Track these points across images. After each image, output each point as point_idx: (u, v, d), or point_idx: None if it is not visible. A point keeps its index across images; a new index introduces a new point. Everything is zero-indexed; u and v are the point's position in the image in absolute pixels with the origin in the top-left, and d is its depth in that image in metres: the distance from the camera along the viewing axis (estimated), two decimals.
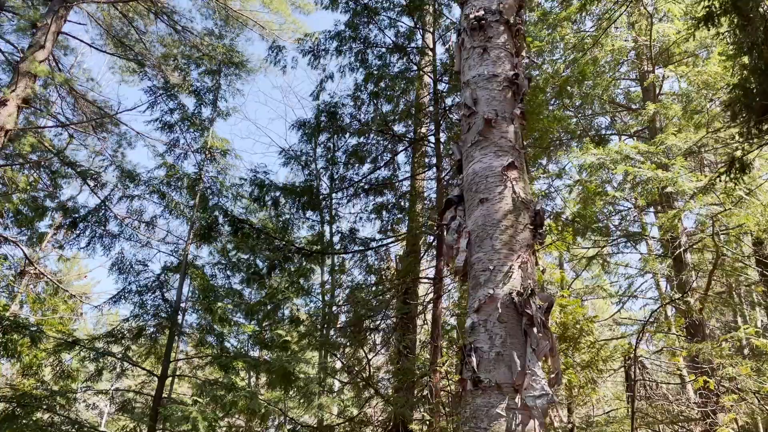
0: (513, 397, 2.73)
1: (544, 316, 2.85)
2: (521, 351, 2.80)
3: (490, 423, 2.69)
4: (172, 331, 9.34)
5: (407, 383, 7.83)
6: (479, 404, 2.76)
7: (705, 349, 9.62)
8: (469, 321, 2.99)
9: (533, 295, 2.87)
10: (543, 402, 2.68)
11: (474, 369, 2.81)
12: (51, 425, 7.98)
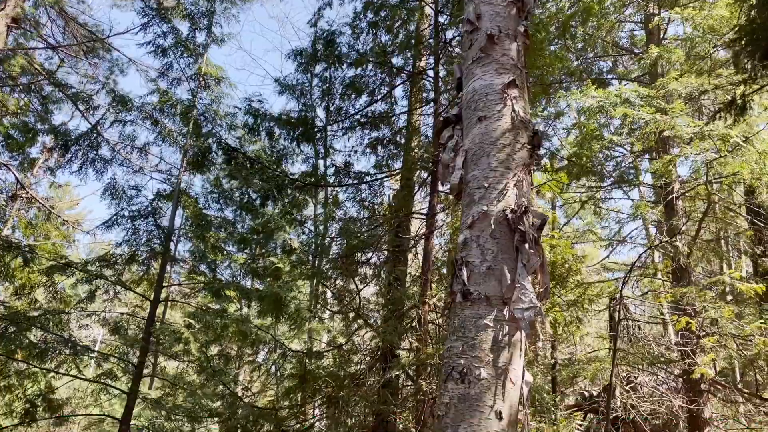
0: (501, 309, 2.77)
1: (536, 233, 2.86)
2: (512, 266, 2.83)
3: (478, 333, 2.74)
4: (164, 257, 9.39)
5: (396, 313, 7.96)
6: (468, 315, 2.80)
7: (689, 294, 9.80)
8: (461, 237, 3.00)
9: (527, 212, 2.88)
10: (530, 314, 2.73)
11: (464, 282, 2.84)
12: (44, 343, 8.11)
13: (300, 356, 8.34)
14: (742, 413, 12.14)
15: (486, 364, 2.69)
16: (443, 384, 2.78)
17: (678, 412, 10.64)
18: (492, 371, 2.68)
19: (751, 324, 8.72)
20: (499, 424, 2.62)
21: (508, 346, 2.74)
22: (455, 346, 2.78)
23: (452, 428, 2.64)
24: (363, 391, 7.96)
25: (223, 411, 7.94)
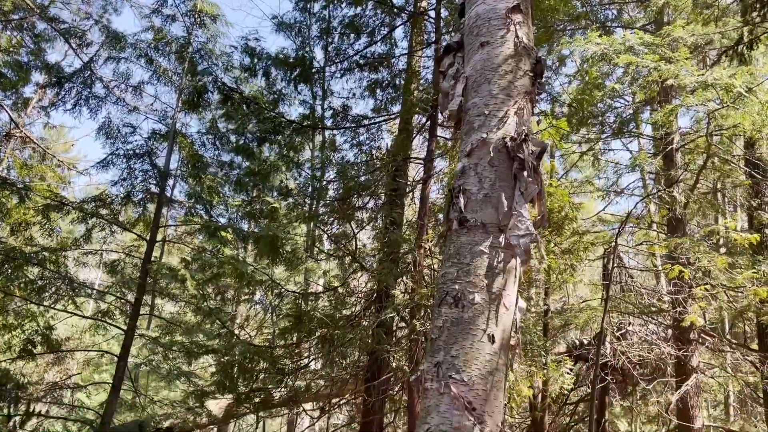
0: (497, 236, 2.76)
1: (535, 161, 2.83)
2: (509, 193, 2.81)
3: (473, 259, 2.74)
4: (160, 198, 9.36)
5: (392, 256, 8.00)
6: (463, 242, 2.79)
7: (684, 244, 9.86)
8: (459, 165, 2.97)
9: (527, 140, 2.84)
10: (526, 241, 2.72)
11: (461, 209, 2.82)
12: (41, 279, 8.15)
13: (296, 297, 8.42)
14: (729, 363, 12.41)
15: (480, 290, 2.69)
16: (437, 308, 2.79)
17: (667, 359, 10.86)
18: (486, 296, 2.69)
19: (744, 273, 8.80)
20: (491, 347, 2.64)
21: (502, 272, 2.74)
22: (450, 272, 2.78)
23: (444, 351, 2.66)
24: (358, 331, 8.06)
25: (219, 347, 8.07)
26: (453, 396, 2.55)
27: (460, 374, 2.59)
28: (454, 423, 2.52)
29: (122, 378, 8.72)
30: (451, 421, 2.53)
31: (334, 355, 8.20)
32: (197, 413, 9.33)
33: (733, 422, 16.23)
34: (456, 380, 2.58)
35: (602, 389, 12.88)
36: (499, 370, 2.64)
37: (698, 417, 10.97)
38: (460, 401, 2.53)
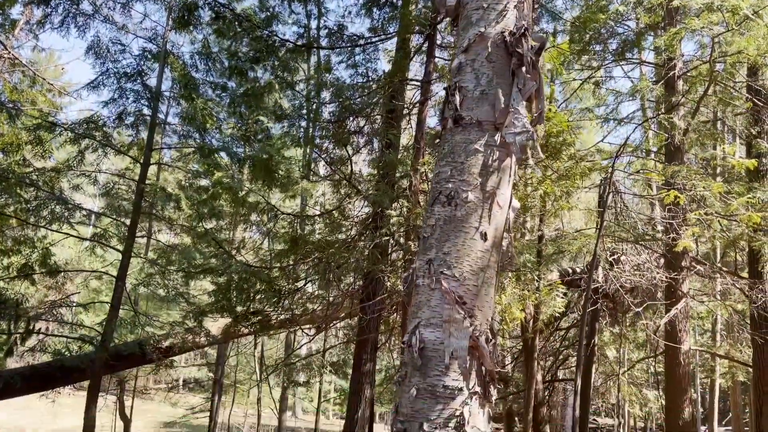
0: (493, 134, 2.70)
1: (534, 56, 2.74)
2: (507, 90, 2.73)
3: (467, 157, 2.69)
4: (153, 119, 9.22)
5: (387, 179, 7.96)
6: (458, 140, 2.74)
7: (680, 172, 9.82)
8: (455, 62, 2.87)
9: (526, 34, 2.73)
10: (522, 138, 2.67)
11: (456, 107, 2.75)
12: (36, 200, 8.12)
13: (291, 219, 8.42)
14: (718, 290, 12.64)
15: (474, 188, 2.66)
16: (430, 208, 2.77)
17: (658, 284, 11.03)
18: (479, 194, 2.66)
19: (739, 199, 8.81)
20: (483, 244, 2.63)
21: (497, 171, 2.70)
22: (443, 171, 2.75)
23: (436, 248, 2.65)
24: (353, 253, 8.12)
25: (216, 267, 8.14)
26: (444, 291, 2.56)
27: (452, 270, 2.59)
28: (445, 316, 2.54)
29: (120, 298, 8.83)
30: (441, 314, 2.55)
31: (330, 276, 8.28)
32: (196, 332, 9.52)
33: (719, 347, 16.71)
34: (447, 276, 2.59)
35: (593, 315, 13.16)
36: (490, 267, 2.65)
37: (685, 341, 11.26)
38: (451, 296, 2.55)
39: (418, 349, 2.53)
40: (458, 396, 2.48)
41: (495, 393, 2.63)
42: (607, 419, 31.77)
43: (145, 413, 24.44)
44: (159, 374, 23.11)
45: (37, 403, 27.21)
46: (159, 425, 21.63)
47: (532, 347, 11.89)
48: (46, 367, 9.53)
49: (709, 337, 19.13)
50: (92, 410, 8.68)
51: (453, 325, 2.53)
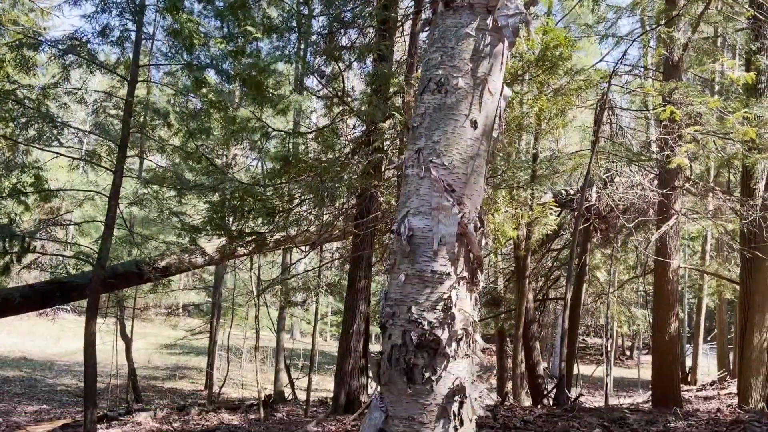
0: (485, 17, 2.61)
1: None
2: None
3: (458, 42, 2.61)
4: (138, 33, 8.94)
5: (380, 94, 7.82)
6: (449, 25, 2.65)
7: (678, 89, 9.67)
8: None
9: None
10: (515, 21, 2.58)
11: None
12: (22, 116, 7.97)
13: (283, 137, 8.33)
14: (710, 210, 12.74)
15: (464, 74, 2.59)
16: (419, 97, 2.71)
17: (651, 201, 11.10)
18: (470, 81, 2.60)
19: (735, 114, 8.72)
20: (473, 132, 2.60)
21: (488, 57, 2.62)
22: (434, 58, 2.67)
23: (426, 137, 2.62)
24: (347, 169, 8.09)
25: (209, 184, 8.10)
26: (433, 179, 2.54)
27: (441, 158, 2.57)
28: (433, 204, 2.53)
29: (114, 218, 8.83)
30: (430, 202, 2.54)
31: (324, 194, 8.27)
32: (192, 252, 9.60)
33: (708, 266, 17.04)
34: (436, 164, 2.56)
35: (584, 235, 13.32)
36: (480, 155, 2.62)
37: (675, 259, 11.43)
38: (440, 183, 2.53)
39: (406, 237, 2.53)
40: (446, 280, 2.51)
41: (482, 279, 2.67)
42: (596, 339, 32.84)
43: (146, 336, 25.06)
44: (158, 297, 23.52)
45: (41, 329, 27.85)
46: (159, 347, 22.23)
47: (524, 266, 12.09)
48: (44, 285, 9.66)
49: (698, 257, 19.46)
50: (92, 326, 8.85)
51: (442, 213, 2.53)
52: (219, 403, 13.63)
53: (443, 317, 2.48)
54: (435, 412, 2.45)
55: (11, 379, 18.62)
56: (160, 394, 17.36)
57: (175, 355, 25.59)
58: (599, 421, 6.69)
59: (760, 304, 10.63)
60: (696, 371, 18.59)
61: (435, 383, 2.45)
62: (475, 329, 2.60)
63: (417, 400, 2.45)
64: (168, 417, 11.65)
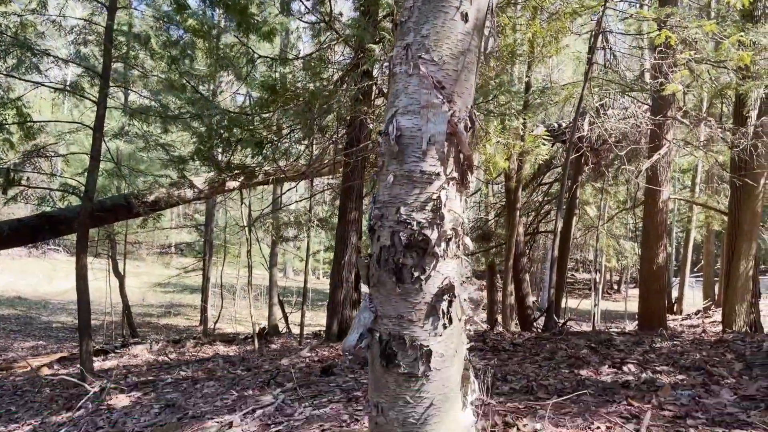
0: None
1: None
2: None
3: None
4: None
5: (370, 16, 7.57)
6: None
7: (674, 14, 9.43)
8: None
9: None
10: None
11: None
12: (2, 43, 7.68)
13: (270, 63, 8.09)
14: (702, 141, 12.68)
15: None
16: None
17: (644, 132, 11.02)
18: None
19: (731, 38, 8.54)
20: (464, 26, 2.49)
21: None
22: None
23: (414, 32, 2.51)
24: (337, 96, 7.91)
25: (195, 111, 7.91)
26: (422, 75, 2.45)
27: (430, 54, 2.47)
28: (422, 102, 2.45)
29: (99, 150, 8.67)
30: (419, 100, 2.46)
31: (313, 123, 8.13)
32: (180, 185, 9.50)
33: (697, 198, 17.14)
34: (425, 60, 2.47)
35: (576, 168, 13.30)
36: (471, 51, 2.52)
37: (665, 190, 11.46)
38: (429, 80, 2.44)
39: (395, 137, 2.46)
40: (435, 181, 2.46)
41: (472, 180, 2.62)
42: (584, 274, 33.38)
43: (139, 275, 25.25)
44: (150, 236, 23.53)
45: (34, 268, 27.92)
46: (153, 285, 22.39)
47: (515, 198, 12.10)
48: (33, 219, 9.57)
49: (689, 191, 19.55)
50: (83, 259, 8.84)
51: (431, 111, 2.45)
52: (214, 337, 13.84)
53: (432, 217, 2.44)
54: (424, 311, 2.44)
55: (6, 317, 18.79)
56: (156, 330, 17.60)
57: (169, 293, 25.85)
58: (586, 343, 6.82)
59: (748, 232, 10.74)
60: (682, 302, 18.98)
61: (424, 282, 2.44)
62: (464, 231, 2.57)
63: (406, 300, 2.44)
64: (164, 349, 11.83)
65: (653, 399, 4.03)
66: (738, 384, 4.37)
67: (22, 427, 6.51)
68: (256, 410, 4.44)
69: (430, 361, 2.43)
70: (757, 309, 11.47)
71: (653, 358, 5.63)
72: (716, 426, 3.43)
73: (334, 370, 6.33)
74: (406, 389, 2.44)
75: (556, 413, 3.78)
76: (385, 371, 2.48)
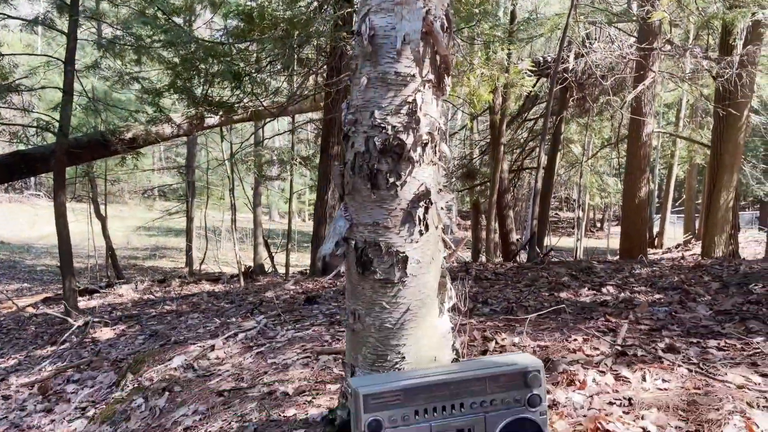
0: None
1: None
2: None
3: None
4: None
5: None
6: None
7: None
8: None
9: None
10: None
11: None
12: None
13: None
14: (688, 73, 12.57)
15: None
16: None
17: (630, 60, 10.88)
18: None
19: None
20: None
21: None
22: None
23: None
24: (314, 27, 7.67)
25: (168, 39, 7.63)
26: None
27: None
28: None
29: (72, 83, 8.42)
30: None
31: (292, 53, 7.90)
32: (158, 121, 9.26)
33: (681, 131, 17.16)
34: None
35: (561, 102, 13.17)
36: None
37: (649, 123, 11.43)
38: None
39: (368, 37, 2.35)
40: (411, 83, 2.37)
41: (449, 84, 2.53)
42: (568, 213, 33.70)
43: (123, 219, 25.08)
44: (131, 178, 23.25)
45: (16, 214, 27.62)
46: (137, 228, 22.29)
47: (500, 132, 12.00)
48: (8, 157, 9.36)
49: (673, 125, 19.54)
50: (61, 197, 8.70)
51: (405, 8, 2.34)
52: (200, 276, 13.88)
53: (408, 121, 2.37)
54: (400, 217, 2.40)
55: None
56: (141, 272, 17.62)
57: (154, 236, 25.77)
58: (568, 271, 6.90)
59: (729, 164, 10.80)
60: (663, 236, 19.28)
61: (399, 188, 2.38)
62: (441, 137, 2.51)
63: (381, 206, 2.40)
64: (149, 288, 11.85)
65: (630, 315, 4.09)
66: (714, 301, 4.45)
67: (7, 361, 6.54)
68: (238, 334, 4.46)
69: (406, 267, 2.41)
70: (735, 241, 11.67)
71: (632, 282, 5.71)
72: (691, 337, 3.50)
73: (318, 299, 6.37)
74: (382, 295, 2.43)
75: (535, 329, 3.83)
76: (361, 278, 2.46)
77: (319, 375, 3.44)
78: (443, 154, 2.57)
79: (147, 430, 3.27)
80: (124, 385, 4.15)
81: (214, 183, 20.07)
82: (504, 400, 2.18)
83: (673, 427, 2.41)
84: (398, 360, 2.46)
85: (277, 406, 3.09)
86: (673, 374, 2.89)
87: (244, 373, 3.65)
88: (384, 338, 2.45)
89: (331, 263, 9.73)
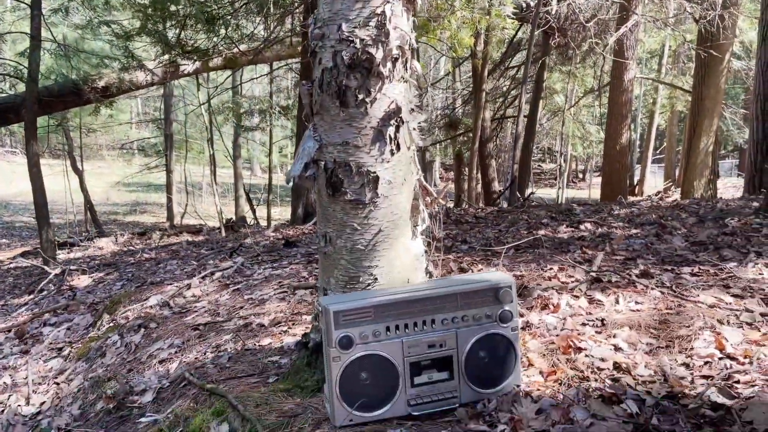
0: None
1: None
2: None
3: None
4: None
5: None
6: None
7: None
8: None
9: None
10: None
11: None
12: None
13: None
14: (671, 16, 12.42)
15: None
16: None
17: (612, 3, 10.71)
18: None
19: None
20: None
21: None
22: None
23: None
24: None
25: None
26: None
27: None
28: None
29: (39, 28, 8.12)
30: None
31: None
32: (131, 68, 9.00)
33: (664, 77, 17.09)
34: None
35: (543, 48, 12.99)
36: None
37: (631, 69, 11.33)
38: None
39: None
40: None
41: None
42: (550, 164, 33.78)
43: (101, 175, 24.68)
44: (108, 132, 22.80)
45: None
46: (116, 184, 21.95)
47: (482, 77, 11.85)
48: None
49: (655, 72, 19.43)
50: (33, 146, 8.50)
51: None
52: (181, 228, 13.77)
53: (377, 34, 2.28)
54: (370, 136, 2.33)
55: None
56: (122, 227, 17.44)
57: (134, 192, 25.47)
58: (548, 213, 6.91)
59: (710, 109, 10.79)
60: (643, 184, 19.42)
61: (369, 106, 2.31)
62: (412, 53, 2.42)
63: (351, 125, 2.33)
64: (129, 241, 11.74)
65: (607, 247, 4.10)
66: (690, 233, 4.47)
67: None
68: (215, 273, 4.42)
69: (377, 187, 2.36)
70: (714, 186, 11.76)
71: (611, 220, 5.73)
72: (666, 264, 3.52)
73: (298, 244, 6.34)
74: (354, 216, 2.38)
75: (512, 261, 3.83)
76: (331, 200, 2.40)
77: (296, 307, 3.42)
78: (415, 70, 2.50)
79: (122, 363, 3.25)
80: (100, 325, 4.12)
81: (192, 136, 19.75)
82: (475, 316, 2.18)
83: (644, 344, 2.43)
84: (371, 281, 2.43)
85: (253, 336, 3.07)
86: (646, 297, 2.91)
87: (220, 309, 3.63)
88: (356, 260, 2.42)
89: (312, 212, 9.69)
